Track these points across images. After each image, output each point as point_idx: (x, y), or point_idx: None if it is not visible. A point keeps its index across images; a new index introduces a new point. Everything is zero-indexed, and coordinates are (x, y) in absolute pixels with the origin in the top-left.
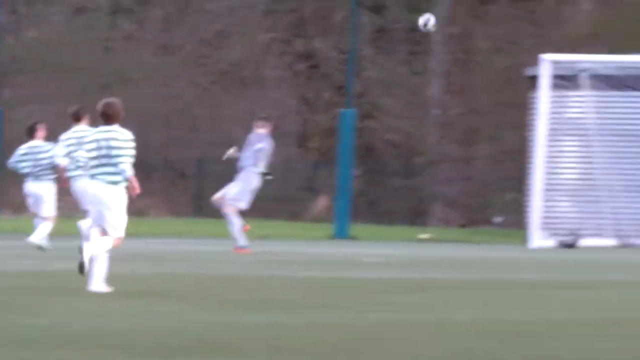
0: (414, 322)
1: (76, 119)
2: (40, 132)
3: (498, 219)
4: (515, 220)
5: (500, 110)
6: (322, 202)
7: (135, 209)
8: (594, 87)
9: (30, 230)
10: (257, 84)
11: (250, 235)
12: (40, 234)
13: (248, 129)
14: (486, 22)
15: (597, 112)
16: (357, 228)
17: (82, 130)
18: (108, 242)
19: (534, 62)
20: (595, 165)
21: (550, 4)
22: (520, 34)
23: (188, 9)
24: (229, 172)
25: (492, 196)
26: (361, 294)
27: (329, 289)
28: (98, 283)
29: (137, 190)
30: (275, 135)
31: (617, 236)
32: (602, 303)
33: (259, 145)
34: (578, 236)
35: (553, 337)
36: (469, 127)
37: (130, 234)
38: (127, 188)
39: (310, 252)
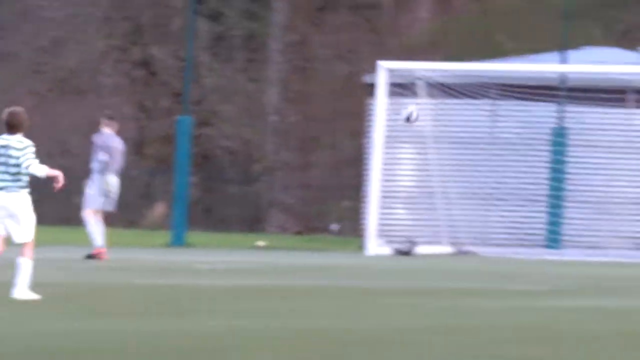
0: (252, 330)
1: None
2: None
3: (335, 227)
4: (352, 227)
5: (339, 118)
6: (159, 210)
7: None
8: (431, 95)
9: None
10: (94, 92)
11: (86, 243)
12: None
13: (85, 137)
14: (324, 30)
15: (433, 120)
16: (194, 235)
17: None
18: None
19: (372, 70)
20: (431, 173)
21: (388, 12)
22: (359, 42)
23: (25, 16)
24: (67, 180)
25: (329, 204)
26: (199, 302)
27: (167, 297)
28: (22, 290)
29: (59, 180)
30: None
31: (453, 244)
32: (437, 310)
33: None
34: (414, 244)
35: (386, 343)
36: (307, 134)
37: None
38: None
39: (147, 259)
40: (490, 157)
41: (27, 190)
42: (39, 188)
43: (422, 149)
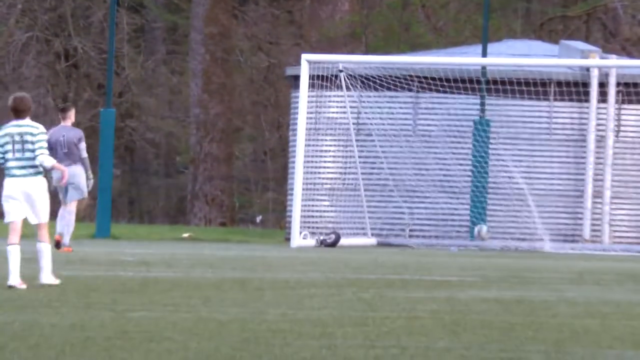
0: (172, 321)
1: None
2: None
3: (259, 218)
4: (276, 219)
5: (261, 110)
6: (83, 201)
7: None
8: (353, 87)
9: None
10: (15, 84)
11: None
12: None
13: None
14: (245, 22)
15: (355, 112)
16: (118, 227)
17: None
18: None
19: (295, 62)
20: (355, 165)
21: (309, 4)
22: (280, 34)
23: None
24: None
25: (253, 195)
26: (124, 293)
27: (86, 288)
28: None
29: (64, 174)
30: None
31: (377, 235)
32: (353, 301)
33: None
34: (338, 235)
35: (296, 333)
36: (230, 126)
37: None
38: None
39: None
40: (413, 150)
41: (42, 174)
42: None
43: (345, 142)
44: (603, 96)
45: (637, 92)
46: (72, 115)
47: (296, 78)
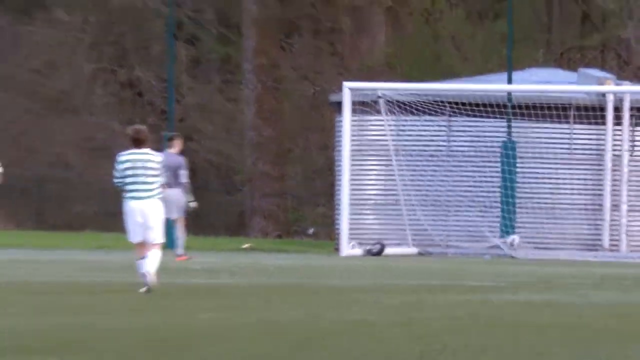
0: (237, 323)
1: None
2: None
3: (311, 230)
4: (326, 231)
5: (309, 133)
6: None
7: None
8: (391, 112)
9: None
10: (86, 110)
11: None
12: None
13: (82, 151)
14: (292, 53)
15: (394, 134)
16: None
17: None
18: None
19: (338, 90)
20: (395, 182)
21: (348, 36)
22: (324, 64)
23: (17, 41)
24: (66, 189)
25: (305, 210)
26: (193, 297)
27: (166, 293)
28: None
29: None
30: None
31: (417, 245)
32: (399, 304)
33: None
34: (383, 245)
35: (350, 334)
36: (281, 148)
37: None
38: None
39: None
40: (447, 168)
41: (159, 197)
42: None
43: (386, 161)
44: (618, 119)
45: None
46: (177, 144)
47: (339, 104)
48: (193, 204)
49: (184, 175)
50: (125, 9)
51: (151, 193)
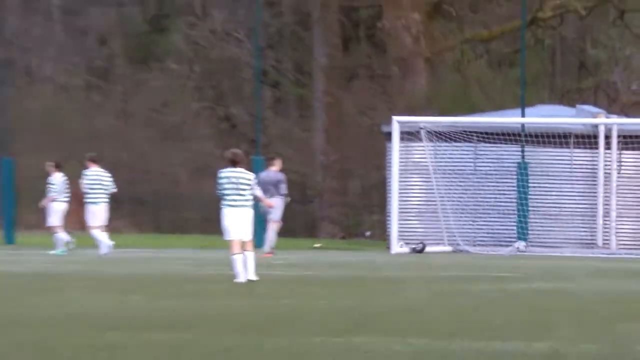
0: (311, 306)
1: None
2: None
3: (368, 233)
4: (380, 234)
5: (365, 156)
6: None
7: (111, 227)
8: (430, 139)
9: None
10: (192, 139)
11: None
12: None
13: (189, 170)
14: (352, 93)
15: (432, 157)
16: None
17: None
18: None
19: (388, 122)
20: (434, 194)
21: (396, 80)
22: (377, 102)
23: (139, 86)
24: (177, 200)
25: (363, 217)
26: (277, 287)
27: (257, 283)
28: (252, 274)
29: (272, 204)
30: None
31: (451, 244)
32: (437, 291)
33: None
34: (424, 245)
35: (409, 313)
36: (344, 168)
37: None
38: (260, 205)
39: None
40: (474, 183)
41: (250, 207)
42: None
43: (426, 178)
44: (608, 145)
45: (633, 142)
46: (277, 163)
47: (389, 134)
48: (287, 198)
49: (283, 188)
50: (222, 60)
51: (243, 202)
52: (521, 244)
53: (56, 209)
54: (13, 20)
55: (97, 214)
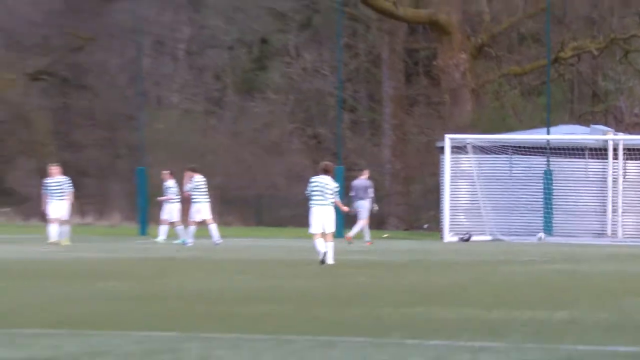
0: (381, 284)
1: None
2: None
3: (425, 226)
4: (435, 226)
5: (424, 166)
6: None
7: (224, 222)
8: (475, 152)
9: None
10: (288, 153)
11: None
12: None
13: (285, 178)
14: (413, 116)
15: (477, 166)
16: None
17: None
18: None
19: (441, 139)
20: (478, 194)
21: (448, 106)
22: (433, 123)
23: (246, 111)
24: (275, 201)
25: (422, 213)
26: (350, 268)
27: (334, 266)
28: (331, 259)
29: (346, 209)
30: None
31: (491, 234)
32: (478, 272)
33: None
34: (470, 235)
35: (458, 289)
36: (408, 176)
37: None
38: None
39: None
40: (510, 187)
41: (333, 206)
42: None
43: (472, 183)
44: (615, 156)
45: (635, 154)
46: (365, 173)
47: (442, 148)
48: (376, 208)
49: (371, 192)
50: (311, 90)
51: (326, 202)
52: (542, 235)
53: (171, 208)
54: (147, 60)
55: (202, 210)
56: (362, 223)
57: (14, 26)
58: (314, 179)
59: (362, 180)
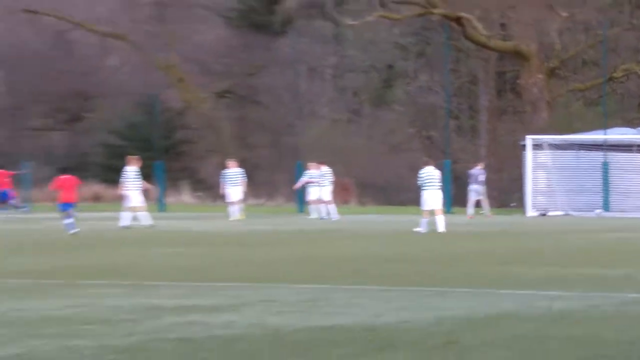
0: (480, 249)
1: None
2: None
3: (513, 204)
4: (520, 204)
5: (511, 159)
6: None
7: (360, 202)
8: (549, 149)
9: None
10: (409, 151)
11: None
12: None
13: (409, 171)
14: (503, 122)
15: (551, 159)
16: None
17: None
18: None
19: (524, 139)
20: (553, 182)
21: (528, 115)
22: (518, 126)
23: (377, 120)
24: (402, 187)
25: (510, 195)
26: (455, 238)
27: (425, 237)
28: (442, 228)
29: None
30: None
31: (562, 210)
32: (557, 239)
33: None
34: (547, 210)
35: (533, 257)
36: (498, 167)
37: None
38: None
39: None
40: (576, 175)
41: (440, 189)
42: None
43: (547, 172)
44: None
45: None
46: (479, 164)
47: (524, 146)
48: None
49: (482, 178)
50: (426, 103)
51: (435, 187)
52: (600, 210)
53: (322, 190)
54: (303, 82)
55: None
56: (485, 200)
57: (206, 58)
58: (423, 170)
59: (477, 169)
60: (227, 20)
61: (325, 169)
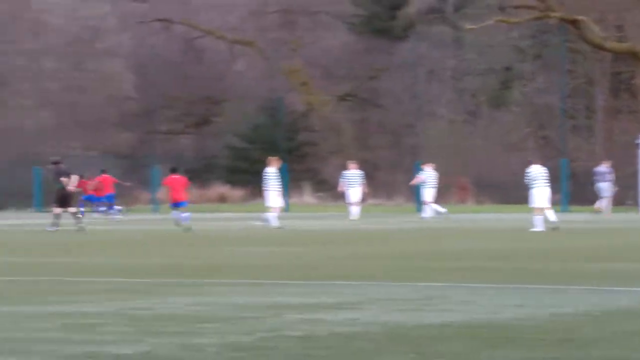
0: (579, 241)
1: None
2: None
3: (629, 202)
4: (634, 202)
5: (626, 158)
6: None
7: (477, 201)
8: None
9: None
10: (525, 150)
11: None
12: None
13: (522, 168)
14: (618, 121)
15: None
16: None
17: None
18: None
19: (638, 138)
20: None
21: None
22: (632, 126)
23: (494, 120)
24: (515, 186)
25: (625, 192)
26: (560, 232)
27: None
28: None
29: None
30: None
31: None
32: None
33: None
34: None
35: (598, 252)
36: (613, 165)
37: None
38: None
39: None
40: None
41: (548, 186)
42: None
43: None
44: None
45: None
46: (605, 162)
47: (639, 144)
48: (615, 189)
49: (609, 176)
50: (539, 104)
51: (545, 184)
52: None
53: (429, 191)
54: (422, 84)
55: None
56: (605, 201)
57: (328, 62)
58: (531, 168)
59: (603, 167)
60: (351, 26)
61: (429, 170)
